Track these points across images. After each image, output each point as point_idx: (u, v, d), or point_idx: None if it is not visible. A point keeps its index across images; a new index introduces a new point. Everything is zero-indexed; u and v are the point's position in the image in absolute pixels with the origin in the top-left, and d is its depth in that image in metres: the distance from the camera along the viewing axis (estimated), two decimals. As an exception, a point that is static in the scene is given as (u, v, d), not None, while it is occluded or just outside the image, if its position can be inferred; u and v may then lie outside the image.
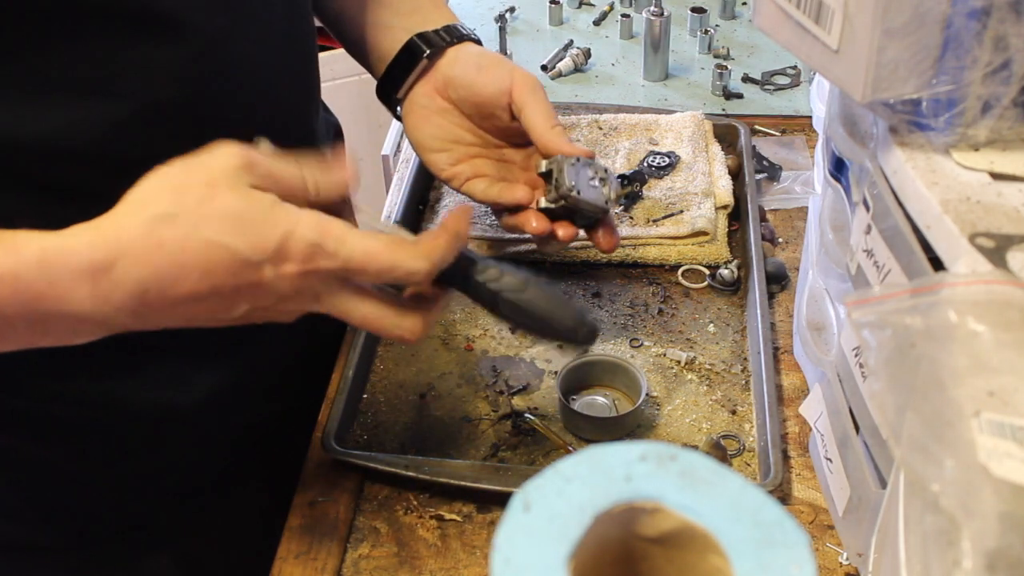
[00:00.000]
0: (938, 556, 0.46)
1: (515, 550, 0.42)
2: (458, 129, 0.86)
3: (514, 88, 0.81)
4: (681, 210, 1.00)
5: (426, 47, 0.85)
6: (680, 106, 1.24)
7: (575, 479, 0.44)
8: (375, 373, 0.89)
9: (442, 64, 0.85)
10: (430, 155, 0.86)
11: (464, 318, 0.94)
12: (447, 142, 0.85)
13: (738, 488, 0.44)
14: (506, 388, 0.86)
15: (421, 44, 0.85)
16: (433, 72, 0.85)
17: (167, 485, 0.85)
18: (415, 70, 0.85)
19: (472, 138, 0.86)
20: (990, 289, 0.49)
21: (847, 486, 0.70)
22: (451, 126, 0.86)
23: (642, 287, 0.96)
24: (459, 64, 0.84)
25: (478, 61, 0.83)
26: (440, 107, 0.85)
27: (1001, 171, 0.57)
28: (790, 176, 1.10)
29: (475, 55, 0.84)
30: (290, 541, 0.76)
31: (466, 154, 0.86)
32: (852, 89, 0.57)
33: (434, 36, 0.85)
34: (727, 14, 1.43)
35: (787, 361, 0.89)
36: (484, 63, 0.83)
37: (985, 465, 0.44)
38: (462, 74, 0.83)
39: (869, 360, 0.51)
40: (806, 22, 0.60)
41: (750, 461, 0.80)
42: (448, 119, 0.85)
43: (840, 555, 0.73)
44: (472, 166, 0.85)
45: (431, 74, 0.85)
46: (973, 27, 0.53)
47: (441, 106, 0.85)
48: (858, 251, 0.65)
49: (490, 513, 0.77)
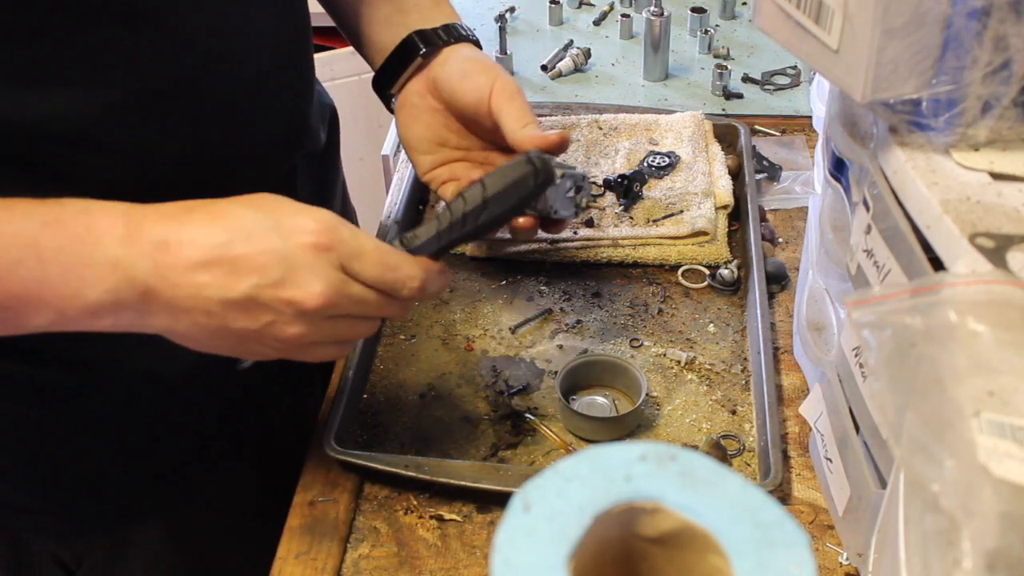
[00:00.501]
0: (938, 556, 0.46)
1: (515, 550, 0.42)
2: (445, 131, 0.86)
3: (492, 96, 0.81)
4: (681, 210, 1.00)
5: (422, 45, 0.85)
6: (680, 106, 1.24)
7: (575, 479, 0.44)
8: (375, 373, 0.89)
9: (434, 64, 0.85)
10: (415, 155, 0.87)
11: (464, 318, 0.94)
12: (433, 144, 0.86)
13: (738, 488, 0.44)
14: (506, 388, 0.86)
15: (418, 41, 0.85)
16: (426, 71, 0.86)
17: (156, 454, 0.87)
18: (409, 67, 0.86)
19: (459, 140, 0.86)
20: (990, 289, 0.49)
21: (847, 486, 0.70)
22: (439, 127, 0.86)
23: (642, 287, 0.96)
24: (447, 67, 0.84)
25: (464, 67, 0.83)
26: (430, 106, 0.86)
27: (1001, 171, 0.57)
28: (790, 176, 1.10)
29: (464, 59, 0.84)
30: (290, 541, 0.76)
31: (449, 157, 0.87)
32: (852, 89, 0.57)
33: (431, 34, 0.85)
34: (727, 14, 1.43)
35: (787, 361, 0.89)
36: (469, 69, 0.83)
37: (985, 465, 0.44)
38: (447, 78, 0.84)
39: (869, 360, 0.51)
40: (806, 22, 0.60)
41: (750, 461, 0.80)
42: (437, 119, 0.86)
43: (840, 555, 0.73)
44: (450, 169, 0.86)
45: (424, 72, 0.86)
46: (973, 27, 0.53)
47: (432, 105, 0.86)
48: (858, 251, 0.65)
49: (490, 513, 0.77)
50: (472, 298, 0.96)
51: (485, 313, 0.94)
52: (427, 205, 1.06)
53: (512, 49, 1.33)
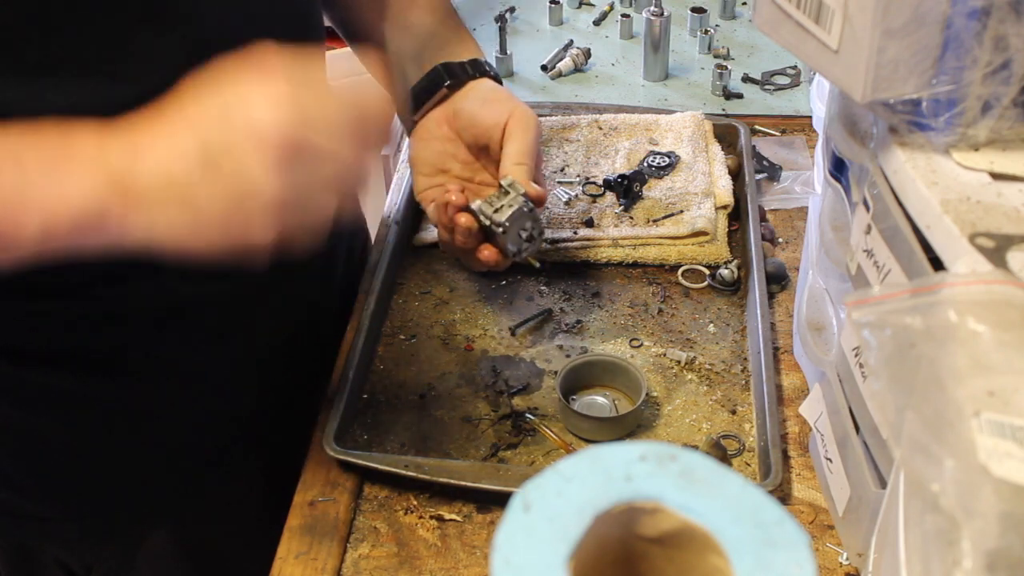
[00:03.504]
0: (938, 556, 0.46)
1: (515, 550, 0.42)
2: (451, 159, 0.90)
3: (510, 119, 0.85)
4: (681, 210, 1.00)
5: (448, 77, 0.89)
6: (680, 106, 1.24)
7: (575, 479, 0.44)
8: (375, 373, 0.89)
9: (457, 96, 0.89)
10: (417, 176, 0.92)
11: (464, 318, 0.94)
12: (436, 169, 0.90)
13: (738, 488, 0.44)
14: (506, 388, 0.86)
15: (444, 74, 0.90)
16: (448, 102, 0.90)
17: (165, 461, 0.87)
18: (434, 97, 0.90)
19: (460, 170, 0.90)
20: (990, 289, 0.49)
21: (847, 486, 0.70)
22: (446, 155, 0.90)
23: (642, 287, 0.96)
24: (468, 98, 0.89)
25: (486, 95, 0.88)
26: (444, 135, 0.90)
27: (1001, 171, 0.57)
28: (790, 176, 1.10)
29: (486, 90, 0.89)
30: (290, 541, 0.76)
31: (445, 180, 0.90)
32: (852, 89, 0.57)
33: (458, 68, 0.90)
34: (727, 14, 1.43)
35: (787, 361, 0.89)
36: (491, 97, 0.88)
37: (985, 465, 0.44)
38: (468, 107, 0.88)
39: (869, 360, 0.51)
40: (806, 22, 0.60)
41: (750, 461, 0.80)
42: (446, 147, 0.90)
43: (840, 555, 0.73)
44: (440, 191, 0.89)
45: (446, 104, 0.90)
46: (973, 27, 0.53)
47: (445, 134, 0.90)
48: (858, 251, 0.65)
49: (490, 513, 0.77)
50: (472, 298, 0.96)
51: (485, 313, 0.94)
52: (427, 205, 1.06)
53: (512, 49, 1.33)
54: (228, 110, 0.59)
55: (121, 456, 0.84)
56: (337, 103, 0.61)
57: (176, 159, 0.59)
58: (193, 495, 0.90)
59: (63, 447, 0.82)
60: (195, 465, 0.89)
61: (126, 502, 0.87)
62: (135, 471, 0.85)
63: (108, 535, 0.89)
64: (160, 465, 0.86)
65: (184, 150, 0.59)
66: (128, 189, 0.59)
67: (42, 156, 0.59)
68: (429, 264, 1.00)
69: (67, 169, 0.59)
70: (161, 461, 0.86)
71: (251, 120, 0.58)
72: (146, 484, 0.87)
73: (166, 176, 0.59)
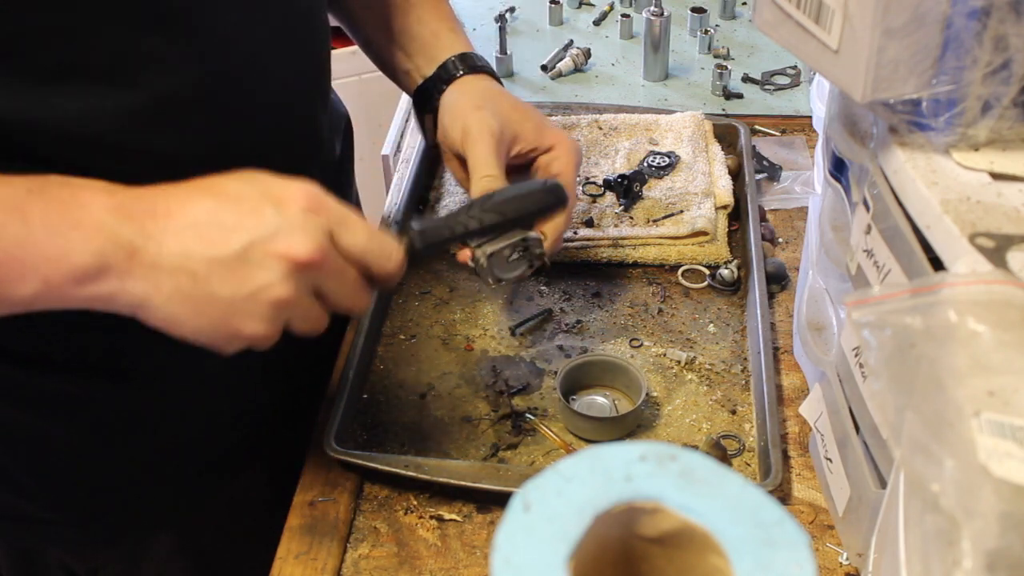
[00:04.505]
0: (938, 556, 0.46)
1: (515, 550, 0.42)
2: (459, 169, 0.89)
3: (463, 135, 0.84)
4: (681, 210, 1.00)
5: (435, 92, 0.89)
6: (680, 106, 1.24)
7: (575, 479, 0.44)
8: (375, 373, 0.89)
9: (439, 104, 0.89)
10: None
11: (464, 318, 0.94)
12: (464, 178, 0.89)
13: (738, 488, 0.44)
14: (506, 388, 0.86)
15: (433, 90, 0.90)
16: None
17: (169, 464, 0.87)
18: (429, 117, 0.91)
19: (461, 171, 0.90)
20: (990, 289, 0.49)
21: (847, 486, 0.70)
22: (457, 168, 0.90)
23: (642, 287, 0.96)
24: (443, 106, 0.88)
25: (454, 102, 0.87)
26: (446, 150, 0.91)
27: (1001, 171, 0.57)
28: (790, 176, 1.10)
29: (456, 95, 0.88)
30: (290, 541, 0.76)
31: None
32: (852, 89, 0.57)
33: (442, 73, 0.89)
34: (727, 14, 1.43)
35: (787, 361, 0.89)
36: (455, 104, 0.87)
37: (985, 465, 0.44)
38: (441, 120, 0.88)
39: (869, 360, 0.51)
40: (806, 22, 0.60)
41: (750, 461, 0.80)
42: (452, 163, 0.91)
43: (840, 555, 0.73)
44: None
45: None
46: (973, 27, 0.53)
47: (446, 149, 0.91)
48: (858, 251, 0.65)
49: (490, 513, 0.77)
50: (472, 298, 0.96)
51: (485, 313, 0.94)
52: (427, 206, 1.06)
53: (512, 49, 1.33)
54: (266, 204, 0.61)
55: (124, 459, 0.84)
56: (364, 237, 0.64)
57: (199, 236, 0.60)
58: (195, 497, 0.90)
59: (66, 450, 0.82)
60: (197, 467, 0.88)
61: (129, 505, 0.87)
62: (138, 474, 0.85)
63: (111, 538, 0.89)
64: (163, 468, 0.86)
65: (210, 230, 0.60)
66: (135, 260, 0.60)
67: (48, 212, 0.59)
68: (429, 264, 1.00)
69: (71, 234, 0.59)
70: (163, 464, 0.86)
71: (284, 226, 0.60)
72: (149, 487, 0.87)
73: (182, 251, 0.60)
